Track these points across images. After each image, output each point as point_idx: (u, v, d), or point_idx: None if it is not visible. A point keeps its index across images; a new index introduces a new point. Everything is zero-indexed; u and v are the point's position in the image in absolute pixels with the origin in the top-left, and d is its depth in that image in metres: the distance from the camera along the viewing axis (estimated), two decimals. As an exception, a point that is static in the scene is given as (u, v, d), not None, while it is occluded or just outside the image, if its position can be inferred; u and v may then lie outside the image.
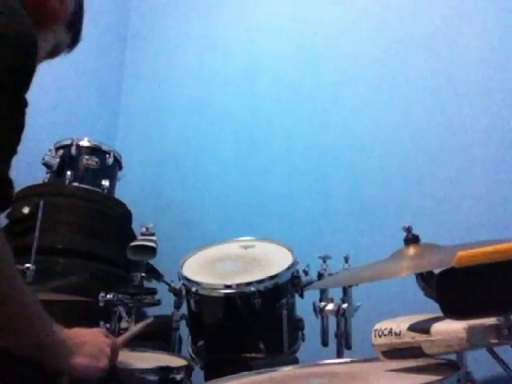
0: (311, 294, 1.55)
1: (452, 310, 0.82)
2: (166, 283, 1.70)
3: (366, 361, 1.04)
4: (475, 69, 2.18)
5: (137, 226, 1.99)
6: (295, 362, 1.46)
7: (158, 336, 1.78)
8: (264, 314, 1.49)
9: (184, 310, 1.65)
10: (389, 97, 2.37)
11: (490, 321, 0.85)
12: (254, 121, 2.73)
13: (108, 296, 1.65)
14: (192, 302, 1.55)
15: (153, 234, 1.69)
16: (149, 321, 1.32)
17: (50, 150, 2.20)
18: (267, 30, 2.84)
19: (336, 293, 1.51)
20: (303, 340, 1.59)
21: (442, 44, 2.30)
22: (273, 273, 1.52)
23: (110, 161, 2.27)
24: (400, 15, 2.45)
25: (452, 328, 0.88)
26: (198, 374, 1.48)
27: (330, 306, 1.48)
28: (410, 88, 2.32)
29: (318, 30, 2.66)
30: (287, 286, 1.54)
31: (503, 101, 2.09)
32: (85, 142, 2.25)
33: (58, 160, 2.18)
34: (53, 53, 1.03)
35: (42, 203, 1.71)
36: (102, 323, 1.67)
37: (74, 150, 2.20)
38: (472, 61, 2.20)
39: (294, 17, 2.78)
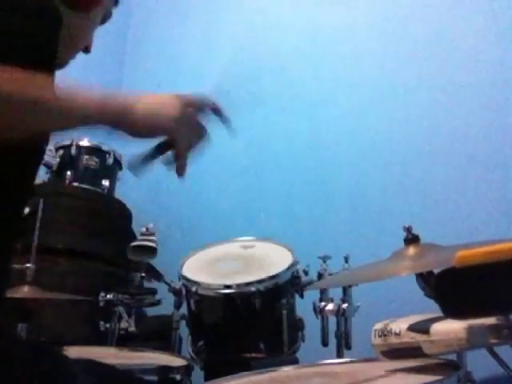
0: (311, 294, 1.55)
1: (452, 310, 0.82)
2: (166, 283, 1.70)
3: (366, 361, 1.04)
4: (475, 69, 2.18)
5: (137, 226, 1.99)
6: (295, 362, 1.46)
7: (158, 336, 1.78)
8: (264, 313, 1.49)
9: (184, 309, 1.65)
10: (389, 97, 2.37)
11: (490, 321, 0.85)
12: (253, 120, 2.73)
13: (108, 296, 1.65)
14: (192, 302, 1.55)
15: (153, 234, 1.69)
16: None
17: (49, 150, 2.20)
18: (267, 30, 2.83)
19: (336, 293, 1.51)
20: (303, 340, 1.59)
21: (442, 44, 2.30)
22: (273, 273, 1.52)
23: (110, 161, 2.28)
24: (401, 15, 2.45)
25: (452, 328, 0.88)
26: (198, 374, 1.48)
27: (330, 306, 1.48)
28: (411, 88, 2.32)
29: (319, 29, 2.66)
30: (287, 286, 1.55)
31: (503, 101, 2.09)
32: (85, 142, 2.25)
33: (57, 160, 2.18)
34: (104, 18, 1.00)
35: (41, 203, 1.71)
36: (101, 323, 1.67)
37: (74, 150, 2.20)
38: (472, 61, 2.20)
39: (294, 16, 2.78)
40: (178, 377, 1.29)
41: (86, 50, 1.01)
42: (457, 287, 0.79)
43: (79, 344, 1.47)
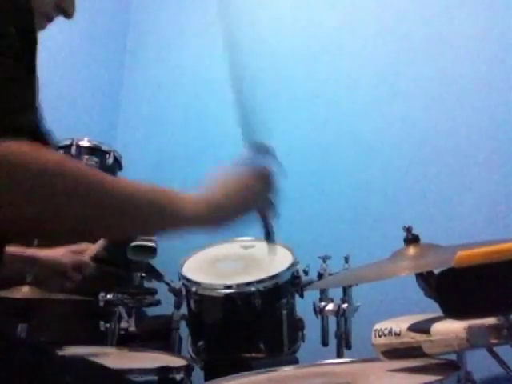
0: (311, 294, 1.55)
1: (452, 310, 0.82)
2: (166, 283, 1.70)
3: (365, 361, 1.04)
4: (475, 69, 2.18)
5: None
6: (295, 362, 1.47)
7: (158, 336, 1.78)
8: (264, 313, 1.49)
9: (184, 309, 1.65)
10: (389, 97, 2.36)
11: (490, 321, 0.85)
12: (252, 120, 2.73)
13: (108, 296, 1.65)
14: (192, 302, 1.55)
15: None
16: None
17: (50, 150, 2.19)
18: (266, 30, 2.83)
19: (336, 293, 1.51)
20: (303, 340, 1.59)
21: (442, 44, 2.30)
22: (273, 273, 1.52)
23: (110, 161, 2.27)
24: (400, 15, 2.45)
25: (452, 328, 0.88)
26: (198, 374, 1.48)
27: (330, 306, 1.48)
28: (411, 88, 2.32)
29: (319, 28, 2.66)
30: (287, 286, 1.55)
31: (504, 100, 2.09)
32: (85, 142, 2.25)
33: (57, 160, 2.17)
34: None
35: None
36: (101, 323, 1.67)
37: (74, 150, 2.20)
38: (472, 61, 2.20)
39: (294, 16, 2.78)
40: (178, 377, 1.29)
41: (67, 15, 0.91)
42: (457, 287, 0.79)
43: (79, 344, 1.47)
